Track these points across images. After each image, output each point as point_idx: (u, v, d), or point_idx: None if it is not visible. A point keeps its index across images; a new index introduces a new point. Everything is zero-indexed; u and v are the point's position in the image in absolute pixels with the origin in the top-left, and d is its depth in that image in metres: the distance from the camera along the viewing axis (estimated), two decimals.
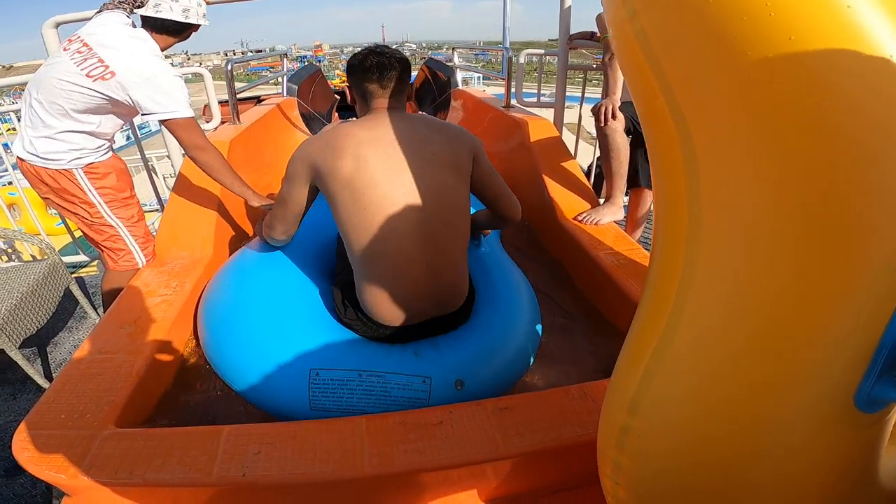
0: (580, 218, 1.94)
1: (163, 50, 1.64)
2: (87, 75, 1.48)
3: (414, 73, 6.24)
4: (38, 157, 1.54)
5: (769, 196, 0.47)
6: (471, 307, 1.36)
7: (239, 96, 2.73)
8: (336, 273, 1.42)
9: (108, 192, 1.67)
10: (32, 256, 3.23)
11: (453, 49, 4.68)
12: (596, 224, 1.89)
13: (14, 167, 3.52)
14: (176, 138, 1.62)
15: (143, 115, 1.58)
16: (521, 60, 3.19)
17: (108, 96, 1.51)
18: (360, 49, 1.23)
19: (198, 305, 1.50)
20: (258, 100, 3.92)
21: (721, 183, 0.50)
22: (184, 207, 1.87)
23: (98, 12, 1.68)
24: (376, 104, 1.20)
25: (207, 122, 3.26)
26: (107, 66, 1.48)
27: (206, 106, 3.35)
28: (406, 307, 1.19)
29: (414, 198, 1.12)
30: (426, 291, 1.19)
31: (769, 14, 0.44)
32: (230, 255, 1.93)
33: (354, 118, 1.29)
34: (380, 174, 1.10)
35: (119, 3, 1.64)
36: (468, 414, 1.01)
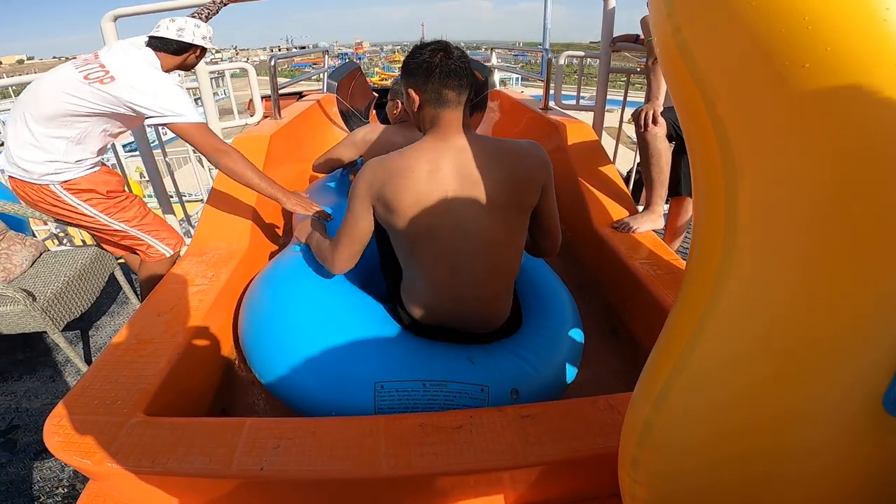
0: (617, 225, 1.89)
1: (166, 70, 1.68)
2: (85, 77, 1.50)
3: None
4: (17, 167, 1.53)
5: (806, 205, 0.48)
6: (513, 323, 1.34)
7: (281, 92, 2.79)
8: (382, 267, 1.41)
9: (99, 202, 1.67)
10: (83, 241, 3.39)
11: (492, 49, 4.65)
12: (633, 232, 1.84)
13: None
14: (192, 145, 1.62)
15: (147, 121, 1.59)
16: (561, 62, 3.15)
17: (96, 104, 1.51)
18: (421, 45, 1.09)
19: (238, 313, 1.49)
20: (300, 95, 4.00)
21: (759, 193, 0.52)
22: (224, 199, 1.93)
23: None
24: (446, 120, 1.08)
25: (251, 116, 3.36)
26: (107, 72, 1.52)
27: (250, 101, 3.45)
28: (435, 318, 1.23)
29: (453, 239, 1.09)
30: (457, 316, 1.21)
31: (806, 27, 0.45)
32: (266, 247, 1.98)
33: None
34: (436, 218, 1.07)
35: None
36: (489, 419, 1.00)
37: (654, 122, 1.90)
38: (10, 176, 1.58)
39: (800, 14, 0.45)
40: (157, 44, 1.64)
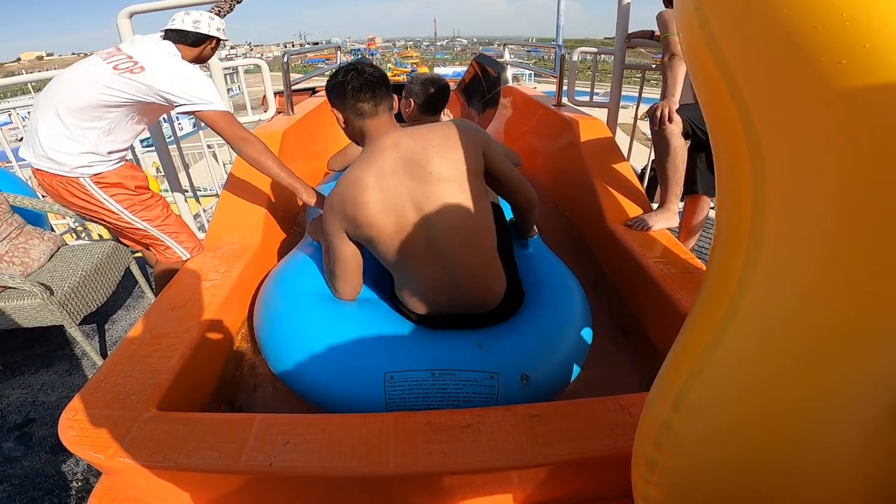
0: (631, 223, 1.86)
1: (185, 59, 1.69)
2: (115, 68, 1.53)
3: (463, 69, 6.21)
4: (48, 159, 1.55)
5: (837, 203, 0.47)
6: (515, 306, 1.35)
7: (294, 88, 2.80)
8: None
9: (126, 198, 1.69)
10: (100, 235, 3.45)
11: (504, 45, 4.62)
12: (647, 230, 1.82)
13: None
14: (217, 132, 1.65)
15: (177, 109, 1.62)
16: (575, 58, 3.12)
17: (128, 94, 1.55)
18: (337, 69, 1.23)
19: (253, 307, 1.52)
20: (312, 91, 4.02)
21: (788, 189, 0.51)
22: (237, 194, 1.94)
23: None
24: (372, 129, 1.19)
25: (265, 111, 3.38)
26: (136, 62, 1.55)
27: (263, 97, 3.47)
28: (436, 309, 1.26)
29: (424, 224, 1.15)
30: (454, 302, 1.24)
31: (844, 23, 0.43)
32: (278, 242, 1.99)
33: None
34: (400, 216, 1.14)
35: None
36: (497, 418, 1.00)
37: (670, 119, 1.87)
38: (37, 169, 1.59)
39: (837, 9, 0.43)
40: (175, 36, 1.67)
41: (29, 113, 1.84)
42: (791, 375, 0.51)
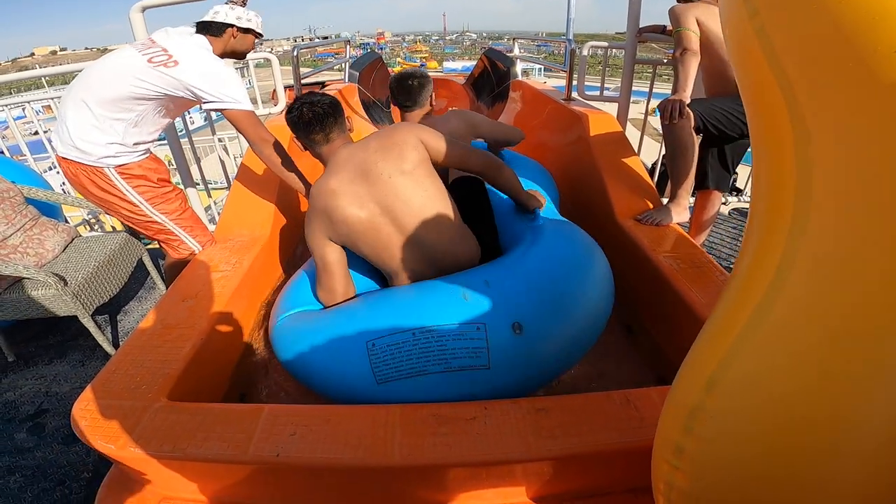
0: (641, 218, 1.85)
1: (217, 55, 1.71)
2: (150, 61, 1.54)
3: (473, 64, 6.19)
4: (75, 148, 1.57)
5: (887, 195, 0.46)
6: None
7: (304, 81, 2.81)
8: None
9: (147, 190, 1.71)
10: (112, 227, 3.49)
11: (514, 39, 4.59)
12: (657, 225, 1.80)
13: None
14: (240, 130, 1.68)
15: (205, 104, 1.64)
16: (585, 52, 3.09)
17: (160, 87, 1.56)
18: (293, 102, 1.38)
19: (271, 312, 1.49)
20: (322, 85, 4.02)
21: (837, 182, 0.50)
22: (248, 187, 1.96)
23: None
24: (327, 151, 1.37)
25: (275, 105, 3.39)
26: (170, 56, 1.56)
27: (273, 90, 3.48)
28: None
29: (388, 215, 1.29)
30: (438, 274, 1.32)
31: None
32: (288, 234, 2.01)
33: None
34: (361, 215, 1.28)
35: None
36: (503, 411, 1.00)
37: (681, 114, 1.85)
38: (62, 157, 1.60)
39: None
40: (214, 29, 1.68)
41: (42, 107, 1.86)
42: (839, 362, 0.50)
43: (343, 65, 4.17)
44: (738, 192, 3.49)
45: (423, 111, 1.90)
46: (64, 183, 3.85)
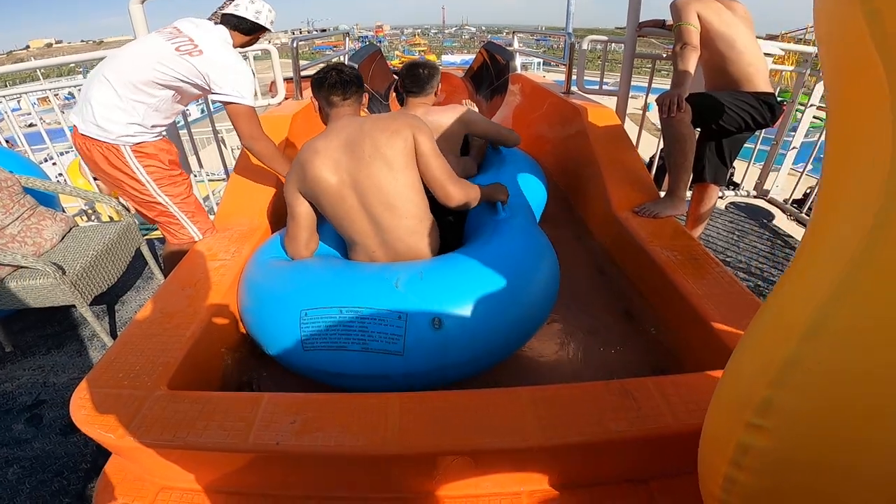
0: (639, 210, 1.86)
1: (235, 47, 1.80)
2: (177, 49, 1.63)
3: (472, 57, 6.16)
4: (96, 126, 1.63)
5: None
6: None
7: (303, 73, 2.80)
8: None
9: (156, 171, 1.75)
10: (110, 217, 3.48)
11: (513, 33, 4.58)
12: (655, 217, 1.81)
13: None
14: (235, 125, 1.75)
15: (212, 94, 1.72)
16: (585, 47, 3.09)
17: (181, 74, 1.65)
18: (327, 66, 1.47)
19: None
20: None
21: None
22: (246, 178, 1.96)
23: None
24: (335, 114, 1.46)
25: (273, 97, 3.38)
26: (196, 45, 1.66)
27: (272, 82, 3.47)
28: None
29: (355, 189, 1.36)
30: (390, 257, 1.42)
31: None
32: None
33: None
34: (330, 180, 1.36)
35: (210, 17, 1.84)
36: (502, 401, 1.01)
37: (679, 108, 1.85)
38: (82, 134, 1.67)
39: None
40: (235, 21, 1.76)
41: (38, 100, 1.88)
42: None
43: (341, 57, 4.15)
44: (736, 186, 3.50)
45: (428, 101, 1.98)
46: (61, 174, 3.83)
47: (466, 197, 1.43)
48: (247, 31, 1.79)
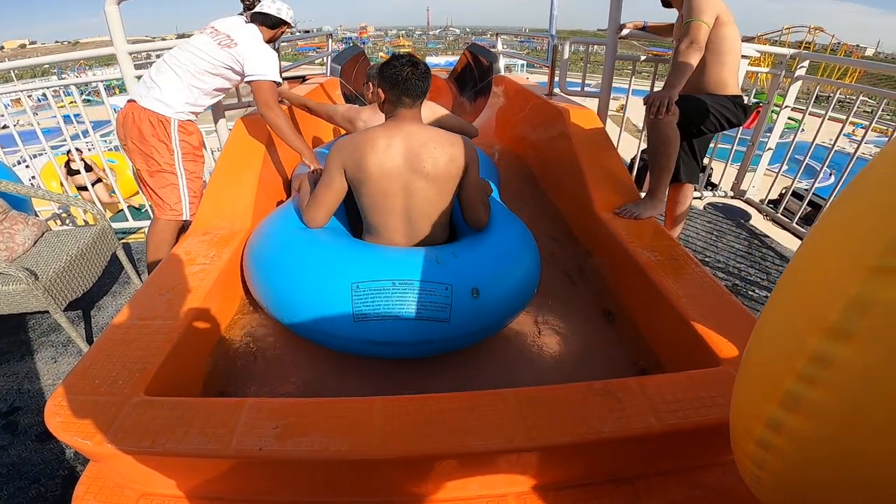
0: (619, 211, 1.88)
1: (265, 40, 2.17)
2: (219, 44, 2.06)
3: (456, 59, 6.17)
4: (160, 102, 2.02)
5: None
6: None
7: (285, 75, 2.76)
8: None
9: (187, 147, 2.13)
10: (85, 221, 3.40)
11: (497, 35, 4.60)
12: (636, 218, 1.83)
13: (73, 137, 3.69)
14: (255, 96, 2.11)
15: (247, 77, 2.10)
16: (567, 49, 3.11)
17: (226, 63, 2.07)
18: (397, 56, 1.43)
19: (244, 255, 1.63)
20: (303, 79, 3.97)
21: None
22: (227, 179, 1.93)
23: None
24: (401, 114, 1.44)
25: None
26: (232, 39, 2.08)
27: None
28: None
29: (402, 198, 1.44)
30: (401, 243, 1.50)
31: None
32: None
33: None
34: (381, 177, 1.41)
35: (240, 14, 2.23)
36: (487, 402, 1.01)
37: (668, 110, 1.81)
38: (142, 107, 2.02)
39: None
40: (261, 18, 2.14)
41: (11, 101, 1.92)
42: None
43: (325, 59, 4.13)
44: (713, 187, 3.56)
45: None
46: (34, 177, 3.73)
47: (488, 217, 1.60)
48: (271, 25, 2.17)
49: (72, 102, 3.00)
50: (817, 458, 0.47)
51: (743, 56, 2.67)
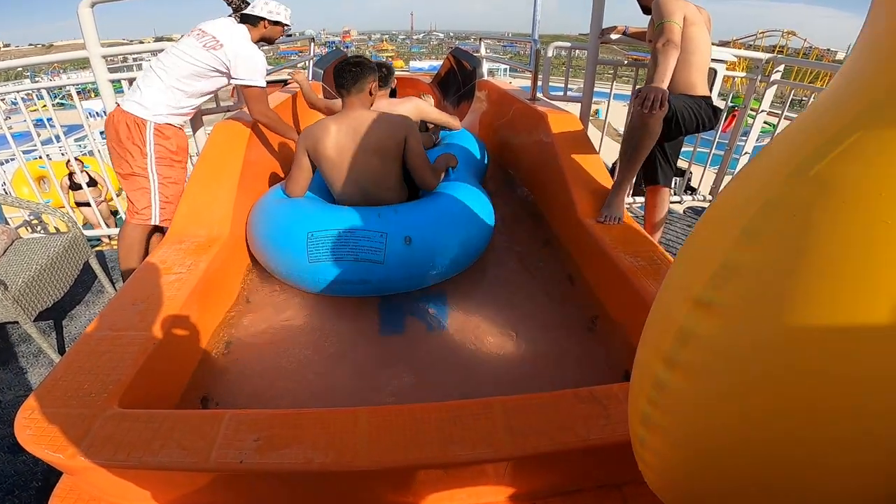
0: (600, 219, 1.87)
1: (254, 42, 2.18)
2: (204, 46, 2.05)
3: (439, 63, 6.18)
4: (138, 104, 2.02)
5: None
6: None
7: (267, 78, 2.72)
8: None
9: (163, 150, 2.09)
10: (56, 229, 3.31)
11: (480, 39, 4.62)
12: (617, 221, 1.83)
13: (44, 143, 3.59)
14: (247, 103, 2.17)
15: (233, 79, 2.12)
16: (550, 53, 3.13)
17: (211, 65, 2.06)
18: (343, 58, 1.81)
19: (247, 221, 1.92)
20: (285, 83, 3.93)
21: None
22: (203, 185, 1.88)
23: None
24: (345, 102, 1.84)
25: (234, 102, 3.28)
26: (217, 40, 2.06)
27: (234, 87, 3.37)
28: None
29: (352, 169, 1.80)
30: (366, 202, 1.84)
31: None
32: (245, 234, 1.96)
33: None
34: (335, 155, 1.81)
35: (229, 15, 2.22)
36: (474, 411, 0.99)
37: (661, 105, 1.82)
38: (122, 109, 2.02)
39: None
40: (250, 19, 2.15)
41: None
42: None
43: (307, 63, 4.09)
44: (693, 191, 3.61)
45: (385, 93, 2.45)
46: (4, 183, 3.62)
47: (438, 181, 1.93)
48: (263, 26, 2.17)
49: (44, 106, 2.92)
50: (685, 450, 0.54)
51: (720, 60, 2.73)
